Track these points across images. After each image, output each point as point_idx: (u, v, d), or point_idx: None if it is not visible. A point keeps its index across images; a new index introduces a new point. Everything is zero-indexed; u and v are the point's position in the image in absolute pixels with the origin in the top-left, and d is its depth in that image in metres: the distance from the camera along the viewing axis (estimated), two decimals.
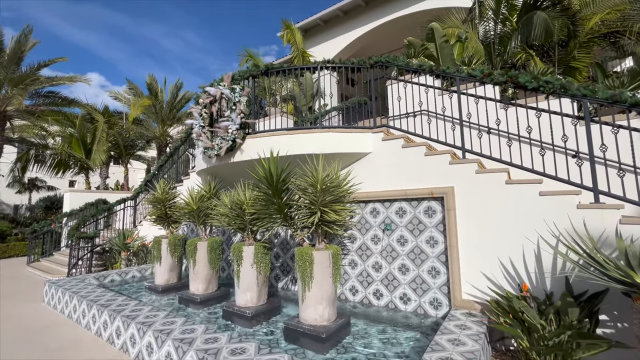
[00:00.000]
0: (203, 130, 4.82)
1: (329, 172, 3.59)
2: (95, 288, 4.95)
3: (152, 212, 5.71)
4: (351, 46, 11.12)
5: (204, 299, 4.59)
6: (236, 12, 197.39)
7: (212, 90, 4.69)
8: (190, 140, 8.24)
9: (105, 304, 4.08)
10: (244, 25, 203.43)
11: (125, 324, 3.51)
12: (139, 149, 16.04)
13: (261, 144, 4.45)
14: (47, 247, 9.39)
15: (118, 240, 7.30)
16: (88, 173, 13.64)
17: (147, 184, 8.65)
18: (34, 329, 4.26)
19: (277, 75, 4.84)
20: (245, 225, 4.23)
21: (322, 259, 3.40)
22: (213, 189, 5.27)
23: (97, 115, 13.39)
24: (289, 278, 5.25)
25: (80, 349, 3.62)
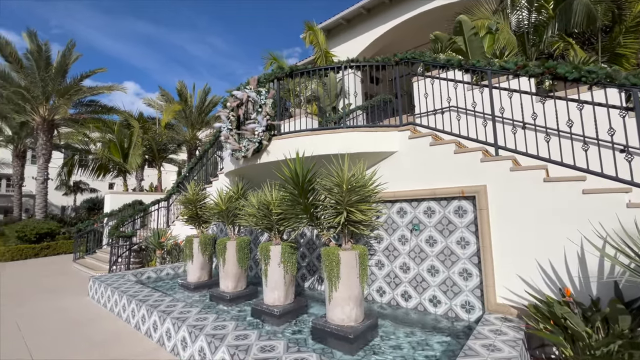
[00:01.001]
0: (231, 132, 4.96)
1: (354, 171, 3.56)
2: (133, 284, 5.25)
3: (183, 213, 5.96)
4: (374, 44, 10.98)
5: (234, 297, 4.72)
6: (260, 16, 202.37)
7: (239, 94, 4.81)
8: (218, 143, 8.51)
9: (143, 299, 4.32)
10: (267, 29, 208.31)
11: (162, 319, 3.69)
12: (171, 152, 16.84)
13: (287, 145, 4.51)
14: (90, 245, 10.10)
15: (153, 239, 7.70)
16: (125, 176, 14.51)
17: (179, 186, 9.05)
18: (81, 322, 4.59)
19: (301, 76, 4.88)
20: (272, 225, 4.30)
21: (349, 259, 3.38)
22: (241, 189, 5.41)
23: (133, 121, 14.22)
24: (315, 278, 5.28)
25: (121, 341, 3.85)
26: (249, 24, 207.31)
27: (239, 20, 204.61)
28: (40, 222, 12.27)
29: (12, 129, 17.07)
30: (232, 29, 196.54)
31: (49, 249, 11.86)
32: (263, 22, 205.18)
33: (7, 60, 13.50)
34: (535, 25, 5.49)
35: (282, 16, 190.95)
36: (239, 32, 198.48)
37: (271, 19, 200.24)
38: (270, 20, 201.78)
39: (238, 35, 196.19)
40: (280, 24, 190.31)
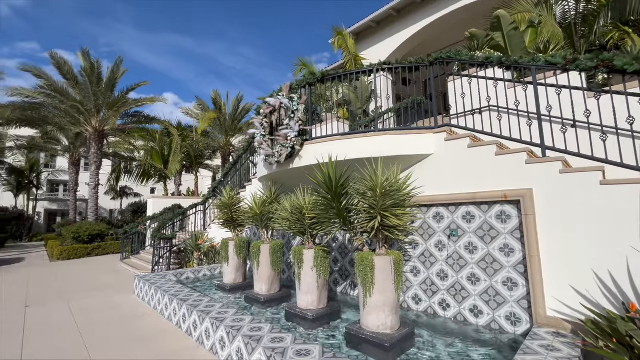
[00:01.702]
0: (264, 138, 5.09)
1: (388, 175, 3.50)
2: (174, 284, 5.53)
3: (219, 216, 6.20)
4: (405, 45, 10.79)
5: (268, 299, 4.81)
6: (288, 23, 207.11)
7: (272, 101, 4.94)
8: (251, 149, 8.79)
9: (184, 299, 4.53)
10: (295, 36, 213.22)
11: (201, 319, 3.84)
12: (207, 158, 17.66)
13: (319, 150, 4.54)
14: (135, 246, 10.82)
15: (191, 241, 8.08)
16: (166, 181, 15.42)
17: (214, 190, 9.44)
18: (128, 318, 4.91)
19: (332, 81, 4.91)
20: (305, 229, 4.33)
21: (384, 265, 3.31)
22: (274, 194, 5.52)
23: (173, 129, 15.12)
24: (348, 283, 5.23)
25: (165, 338, 4.06)
26: (278, 32, 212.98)
27: (269, 29, 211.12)
28: (92, 224, 13.37)
29: (69, 140, 18.86)
30: (262, 38, 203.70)
31: (100, 249, 12.87)
32: (291, 30, 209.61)
33: (65, 78, 14.98)
34: (584, 15, 5.09)
35: (310, 22, 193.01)
36: (268, 41, 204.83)
37: (299, 26, 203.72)
38: (298, 27, 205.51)
39: (268, 43, 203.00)
40: (308, 30, 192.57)
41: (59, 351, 3.73)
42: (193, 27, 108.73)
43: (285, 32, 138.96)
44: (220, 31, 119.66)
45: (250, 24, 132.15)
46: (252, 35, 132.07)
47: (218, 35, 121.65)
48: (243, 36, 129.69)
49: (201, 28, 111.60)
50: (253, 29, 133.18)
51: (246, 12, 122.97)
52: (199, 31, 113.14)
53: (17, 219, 20.83)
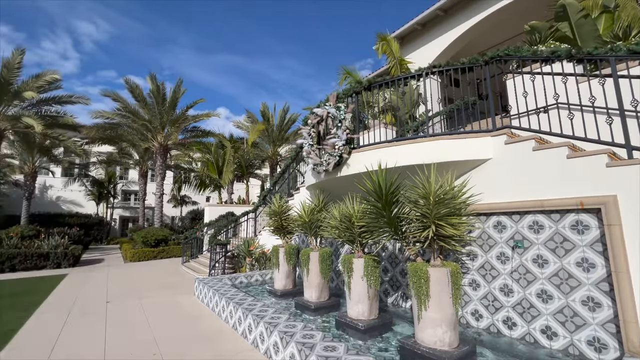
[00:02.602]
0: (312, 148, 5.21)
1: (441, 182, 3.34)
2: (229, 287, 5.85)
3: (270, 224, 6.44)
4: (452, 47, 10.33)
5: (317, 307, 4.84)
6: (331, 33, 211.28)
7: (319, 111, 5.05)
8: (298, 158, 9.04)
9: (239, 302, 4.76)
10: (338, 44, 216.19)
11: (255, 322, 4.00)
12: (256, 168, 18.55)
13: (367, 158, 4.51)
14: (194, 251, 11.70)
15: (243, 247, 8.50)
16: (220, 190, 16.50)
17: (264, 199, 9.85)
18: (190, 317, 5.30)
19: (379, 88, 4.87)
20: (354, 237, 4.31)
21: (440, 276, 3.14)
22: (322, 202, 5.59)
23: (226, 142, 16.21)
24: (399, 294, 5.04)
25: (222, 339, 4.30)
26: (321, 42, 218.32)
27: (312, 41, 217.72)
28: (158, 230, 14.79)
29: (139, 154, 21.27)
30: (306, 49, 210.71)
31: (164, 253, 14.15)
32: (334, 39, 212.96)
33: (136, 100, 16.98)
34: None
35: (352, 30, 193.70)
36: (312, 52, 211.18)
37: (341, 35, 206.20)
38: (340, 35, 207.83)
39: (311, 54, 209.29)
40: (350, 38, 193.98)
41: (135, 343, 4.15)
42: (243, 46, 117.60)
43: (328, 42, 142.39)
44: (268, 48, 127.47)
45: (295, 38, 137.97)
46: (297, 48, 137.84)
47: (266, 52, 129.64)
48: (288, 50, 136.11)
49: (250, 46, 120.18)
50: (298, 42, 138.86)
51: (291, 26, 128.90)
52: (248, 49, 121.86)
53: (98, 224, 23.90)
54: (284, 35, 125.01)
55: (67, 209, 25.09)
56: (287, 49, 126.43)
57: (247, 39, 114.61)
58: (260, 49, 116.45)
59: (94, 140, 18.43)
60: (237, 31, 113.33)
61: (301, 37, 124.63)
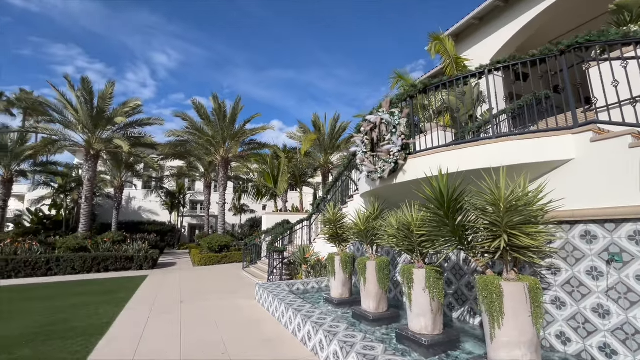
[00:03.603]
0: (366, 155, 5.17)
1: (513, 188, 3.03)
2: (288, 294, 6.02)
3: (324, 231, 6.51)
4: (517, 37, 9.47)
5: (376, 318, 4.71)
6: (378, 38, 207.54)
7: (372, 118, 5.00)
8: (350, 166, 9.04)
9: (298, 308, 4.86)
10: (386, 48, 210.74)
11: (315, 330, 4.04)
12: (309, 176, 19.02)
13: (425, 163, 4.32)
14: (253, 257, 12.33)
15: (299, 254, 8.71)
16: (276, 199, 17.24)
17: (318, 207, 10.01)
18: (252, 320, 5.56)
19: (436, 90, 4.66)
20: (413, 246, 4.12)
21: (515, 292, 2.83)
22: (377, 209, 5.49)
23: (280, 153, 16.97)
24: (466, 309, 4.66)
25: (283, 343, 4.43)
26: (369, 49, 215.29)
27: (360, 49, 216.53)
28: (221, 237, 15.94)
29: (204, 167, 23.34)
30: (354, 58, 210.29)
31: (226, 258, 15.17)
32: (382, 43, 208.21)
33: (201, 118, 18.75)
34: None
35: (400, 33, 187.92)
36: (360, 59, 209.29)
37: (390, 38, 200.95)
38: (388, 39, 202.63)
39: (360, 61, 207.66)
40: (398, 41, 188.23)
41: (206, 344, 4.49)
42: (294, 60, 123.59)
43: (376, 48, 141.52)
44: (317, 59, 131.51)
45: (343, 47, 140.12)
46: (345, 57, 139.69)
47: (315, 63, 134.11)
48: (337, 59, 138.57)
49: (301, 60, 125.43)
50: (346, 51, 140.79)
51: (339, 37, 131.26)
52: (298, 63, 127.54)
53: (171, 231, 26.68)
54: (332, 46, 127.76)
55: (146, 217, 28.51)
56: (336, 59, 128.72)
57: (297, 53, 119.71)
58: (309, 62, 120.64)
59: (167, 156, 20.76)
60: (288, 47, 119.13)
61: (349, 46, 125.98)
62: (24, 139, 19.45)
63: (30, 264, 11.20)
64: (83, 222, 15.37)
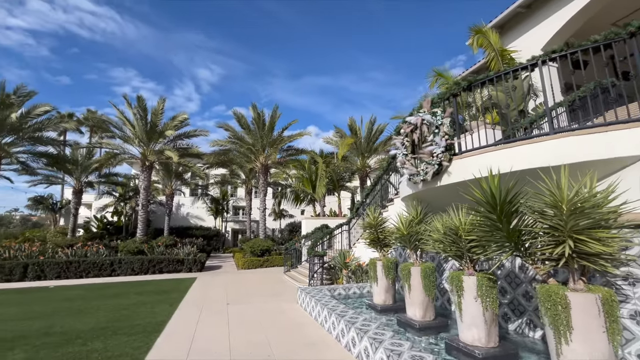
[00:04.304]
0: (407, 157, 5.03)
1: (577, 188, 2.75)
2: (330, 298, 6.01)
3: (365, 236, 6.42)
4: (572, 23, 8.64)
5: (423, 327, 4.51)
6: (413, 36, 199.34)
7: (413, 119, 4.87)
8: (390, 169, 8.85)
9: (341, 314, 4.83)
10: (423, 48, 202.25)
11: (359, 336, 3.98)
12: (346, 180, 18.96)
13: (472, 164, 4.09)
14: (294, 261, 12.53)
15: (340, 259, 8.67)
16: (314, 203, 17.41)
17: (357, 211, 9.92)
18: (295, 324, 5.64)
19: (482, 86, 4.40)
20: (462, 252, 3.90)
21: (586, 304, 2.55)
22: (420, 213, 5.29)
23: (318, 158, 17.16)
24: (524, 321, 4.29)
25: (327, 348, 4.42)
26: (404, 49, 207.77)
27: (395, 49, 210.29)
28: (262, 241, 16.44)
29: (244, 174, 24.37)
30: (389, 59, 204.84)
31: (268, 262, 15.60)
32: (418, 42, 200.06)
33: (242, 127, 19.62)
34: None
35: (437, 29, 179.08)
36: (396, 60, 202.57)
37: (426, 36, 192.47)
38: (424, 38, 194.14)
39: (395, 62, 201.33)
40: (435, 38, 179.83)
41: (252, 344, 4.64)
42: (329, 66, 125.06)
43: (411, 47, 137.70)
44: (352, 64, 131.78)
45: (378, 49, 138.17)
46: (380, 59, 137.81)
47: (349, 68, 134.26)
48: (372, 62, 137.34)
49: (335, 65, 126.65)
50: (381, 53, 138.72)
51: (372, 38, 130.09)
52: (332, 69, 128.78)
53: (216, 236, 28.17)
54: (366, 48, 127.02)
55: (194, 222, 30.40)
56: (370, 61, 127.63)
57: (331, 59, 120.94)
58: (343, 66, 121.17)
59: (211, 164, 22.02)
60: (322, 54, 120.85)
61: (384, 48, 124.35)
62: (90, 153, 21.90)
63: (97, 265, 12.49)
64: (140, 227, 16.81)
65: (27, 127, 16.25)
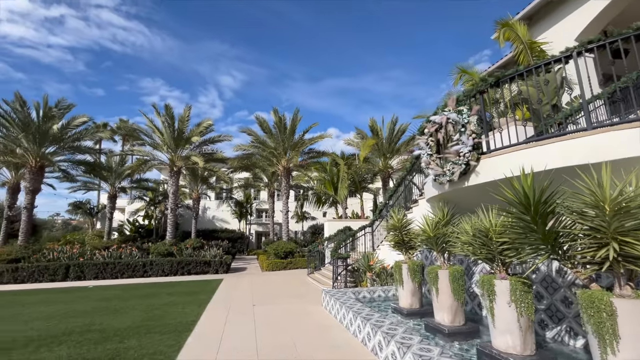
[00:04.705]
0: (431, 158, 4.91)
1: (622, 186, 2.56)
2: (354, 301, 5.96)
3: (390, 238, 6.32)
4: (608, 10, 8.08)
5: (452, 332, 4.37)
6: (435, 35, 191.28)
7: (437, 118, 4.75)
8: (413, 170, 8.67)
9: (366, 317, 4.78)
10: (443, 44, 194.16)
11: (386, 340, 3.91)
12: (368, 182, 18.78)
13: (501, 162, 3.92)
14: (317, 263, 12.55)
15: (363, 261, 8.59)
16: (336, 206, 17.37)
17: (380, 213, 9.79)
18: (320, 326, 5.64)
19: (511, 81, 4.22)
20: (493, 255, 3.75)
21: (634, 312, 2.36)
22: (446, 215, 5.15)
23: (339, 160, 17.12)
24: (563, 328, 4.04)
25: (353, 351, 4.38)
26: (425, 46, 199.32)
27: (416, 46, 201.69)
28: (286, 243, 16.62)
29: (267, 177, 24.77)
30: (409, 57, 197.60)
31: (291, 264, 15.73)
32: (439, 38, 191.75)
33: (264, 132, 19.99)
34: None
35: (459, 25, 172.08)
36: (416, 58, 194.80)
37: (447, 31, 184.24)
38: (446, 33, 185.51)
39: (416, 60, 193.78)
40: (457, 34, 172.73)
41: (278, 345, 4.69)
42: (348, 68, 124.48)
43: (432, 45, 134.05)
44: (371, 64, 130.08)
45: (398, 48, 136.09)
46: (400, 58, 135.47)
47: (369, 68, 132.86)
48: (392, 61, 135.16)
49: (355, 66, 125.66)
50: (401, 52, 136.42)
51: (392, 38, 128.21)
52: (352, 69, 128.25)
53: (240, 238, 28.78)
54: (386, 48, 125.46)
55: (219, 225, 31.26)
56: (390, 61, 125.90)
57: (350, 60, 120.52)
58: (363, 67, 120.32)
59: (235, 168, 22.59)
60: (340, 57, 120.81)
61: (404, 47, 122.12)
62: (123, 160, 23.17)
63: (131, 266, 13.14)
64: (169, 230, 17.51)
65: (67, 137, 17.45)
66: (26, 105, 15.98)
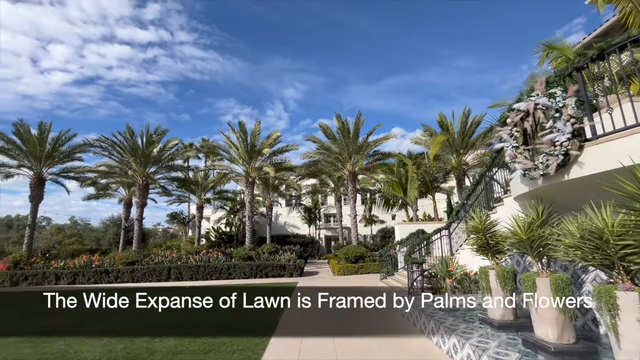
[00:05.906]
0: (518, 150, 4.35)
1: None
2: (435, 310, 5.59)
3: (471, 242, 5.77)
4: None
5: (559, 350, 3.74)
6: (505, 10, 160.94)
7: (522, 106, 4.20)
8: (493, 165, 7.81)
9: (450, 327, 4.44)
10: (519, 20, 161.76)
11: (476, 354, 3.57)
12: (440, 181, 17.58)
13: (615, 149, 3.26)
14: (389, 268, 12.18)
15: (441, 267, 8.01)
16: (406, 208, 16.68)
17: (457, 214, 9.05)
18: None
19: (619, 51, 3.48)
20: (612, 261, 3.11)
21: None
22: (541, 214, 4.48)
23: (406, 160, 16.46)
24: None
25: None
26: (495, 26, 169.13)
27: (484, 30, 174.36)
28: (356, 248, 16.56)
29: (333, 182, 25.15)
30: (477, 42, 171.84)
31: (362, 268, 15.58)
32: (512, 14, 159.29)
33: (328, 138, 20.40)
34: None
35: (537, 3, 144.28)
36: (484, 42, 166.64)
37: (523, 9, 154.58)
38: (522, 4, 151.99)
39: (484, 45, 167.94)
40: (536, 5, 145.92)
41: (356, 349, 4.65)
42: (407, 64, 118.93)
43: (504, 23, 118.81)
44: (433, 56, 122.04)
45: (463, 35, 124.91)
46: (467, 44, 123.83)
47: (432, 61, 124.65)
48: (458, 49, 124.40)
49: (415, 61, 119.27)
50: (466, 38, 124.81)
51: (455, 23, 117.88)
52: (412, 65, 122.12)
53: (310, 243, 29.72)
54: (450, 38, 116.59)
55: (290, 230, 32.81)
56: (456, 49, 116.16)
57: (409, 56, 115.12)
58: (424, 60, 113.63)
59: (303, 176, 23.52)
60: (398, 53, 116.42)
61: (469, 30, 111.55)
62: (206, 175, 26.15)
63: (218, 269, 14.65)
64: (248, 236, 19.05)
65: (164, 158, 20.52)
66: (134, 134, 19.36)
